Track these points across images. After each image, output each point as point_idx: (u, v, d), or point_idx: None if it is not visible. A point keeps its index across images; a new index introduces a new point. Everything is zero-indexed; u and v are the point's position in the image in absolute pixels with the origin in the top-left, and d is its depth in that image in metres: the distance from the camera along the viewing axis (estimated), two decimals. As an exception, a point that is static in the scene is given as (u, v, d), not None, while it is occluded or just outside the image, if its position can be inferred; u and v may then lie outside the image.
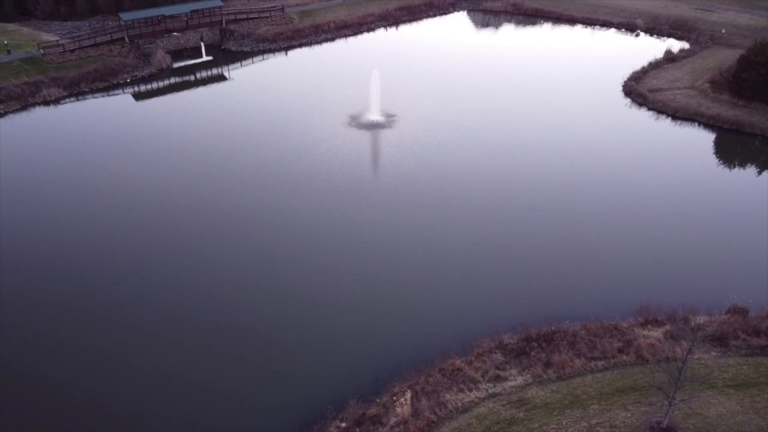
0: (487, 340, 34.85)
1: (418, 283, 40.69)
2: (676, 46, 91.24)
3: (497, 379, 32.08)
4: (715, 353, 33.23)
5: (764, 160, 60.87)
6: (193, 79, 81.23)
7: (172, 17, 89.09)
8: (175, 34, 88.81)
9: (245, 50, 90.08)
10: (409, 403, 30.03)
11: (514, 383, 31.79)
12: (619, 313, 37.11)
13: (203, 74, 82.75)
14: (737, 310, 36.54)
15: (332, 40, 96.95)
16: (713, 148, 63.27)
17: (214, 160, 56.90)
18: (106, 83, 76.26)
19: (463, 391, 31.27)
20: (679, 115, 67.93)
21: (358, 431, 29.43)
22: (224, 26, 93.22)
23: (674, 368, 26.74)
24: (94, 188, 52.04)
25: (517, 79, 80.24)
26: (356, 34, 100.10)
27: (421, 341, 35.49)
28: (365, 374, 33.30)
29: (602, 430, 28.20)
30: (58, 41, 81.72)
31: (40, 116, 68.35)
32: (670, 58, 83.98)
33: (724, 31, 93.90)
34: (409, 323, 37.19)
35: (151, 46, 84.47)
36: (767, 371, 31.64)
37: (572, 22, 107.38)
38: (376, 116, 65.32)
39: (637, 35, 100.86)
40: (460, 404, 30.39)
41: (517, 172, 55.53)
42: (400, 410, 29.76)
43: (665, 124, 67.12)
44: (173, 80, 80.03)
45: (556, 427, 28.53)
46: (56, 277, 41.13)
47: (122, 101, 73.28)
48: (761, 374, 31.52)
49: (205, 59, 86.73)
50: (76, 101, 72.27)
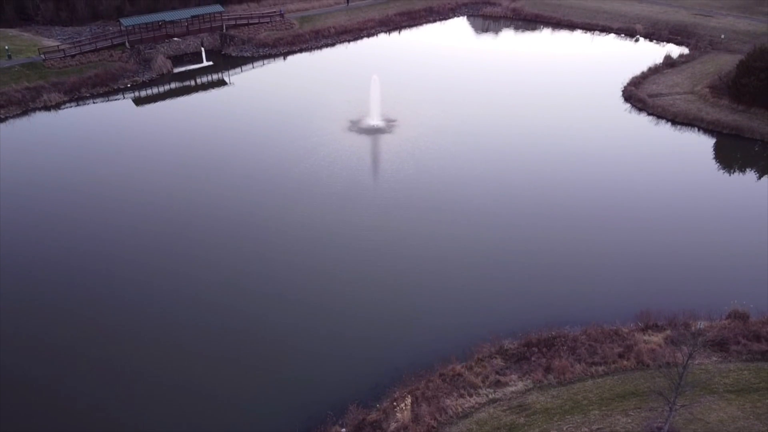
0: (487, 345, 34.82)
1: (418, 287, 40.68)
2: (675, 51, 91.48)
3: (497, 384, 32.04)
4: (715, 358, 33.20)
5: (764, 165, 60.91)
6: (193, 84, 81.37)
7: (172, 22, 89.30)
8: (175, 39, 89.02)
9: (246, 55, 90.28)
10: (409, 408, 29.98)
11: (514, 388, 31.75)
12: (619, 318, 37.11)
13: (204, 79, 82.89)
14: (738, 315, 36.52)
15: (332, 45, 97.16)
16: (713, 153, 63.33)
17: (214, 165, 56.94)
18: (106, 88, 76.34)
19: (463, 396, 31.22)
20: (678, 120, 68.03)
21: (358, 437, 29.40)
22: (225, 32, 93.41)
23: (675, 373, 26.68)
24: (94, 193, 52.02)
25: (516, 84, 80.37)
26: (356, 39, 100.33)
27: (421, 346, 35.45)
28: (365, 379, 33.26)
29: (603, 435, 28.15)
30: (58, 46, 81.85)
31: (40, 121, 68.42)
32: (669, 63, 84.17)
33: (723, 36, 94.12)
34: (409, 328, 37.15)
35: (151, 51, 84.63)
36: (768, 376, 31.65)
37: (572, 27, 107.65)
38: (376, 121, 65.41)
39: (636, 40, 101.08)
40: (460, 409, 30.33)
41: (517, 177, 55.57)
42: (400, 416, 29.71)
43: (665, 129, 67.20)
44: (174, 85, 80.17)
45: (556, 432, 28.49)
46: (57, 281, 41.07)
47: (123, 106, 73.39)
48: (762, 379, 31.47)
49: (205, 64, 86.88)
50: (76, 106, 72.37)
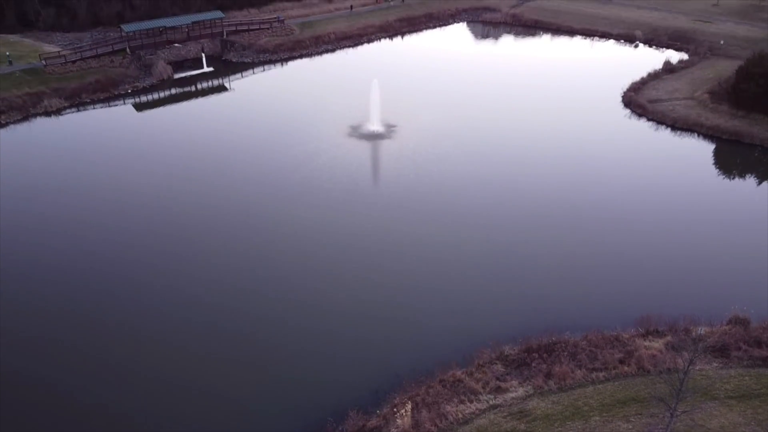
0: (487, 350, 34.76)
1: (418, 293, 40.63)
2: (675, 57, 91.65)
3: (498, 390, 31.95)
4: (716, 364, 33.12)
5: (764, 170, 60.96)
6: (193, 89, 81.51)
7: (173, 28, 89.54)
8: (176, 45, 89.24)
9: (246, 61, 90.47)
10: (409, 414, 29.90)
11: (515, 394, 31.66)
12: (620, 323, 37.05)
13: (204, 85, 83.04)
14: (738, 320, 36.45)
15: (333, 51, 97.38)
16: (713, 158, 63.38)
17: (214, 170, 56.96)
18: (107, 94, 76.48)
19: (463, 402, 31.13)
20: (678, 125, 68.13)
21: (358, 443, 29.31)
22: (225, 37, 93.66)
23: (676, 379, 26.60)
24: (95, 198, 52.03)
25: (517, 89, 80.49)
26: (356, 45, 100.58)
27: (421, 352, 35.37)
28: (365, 385, 33.18)
29: (604, 441, 28.06)
30: (59, 52, 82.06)
31: (41, 127, 68.52)
32: (669, 69, 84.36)
33: (722, 42, 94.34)
34: (409, 334, 37.09)
35: (152, 57, 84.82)
36: (769, 382, 31.56)
37: (571, 33, 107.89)
38: (376, 126, 65.48)
39: (636, 46, 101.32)
40: (460, 416, 30.24)
41: (517, 182, 55.59)
42: (400, 422, 29.61)
43: (665, 134, 67.28)
44: (174, 91, 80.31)
45: (557, 438, 28.40)
46: (58, 285, 41.09)
47: (123, 112, 73.48)
48: (763, 385, 31.38)
49: (206, 70, 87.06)
50: (77, 112, 72.46)
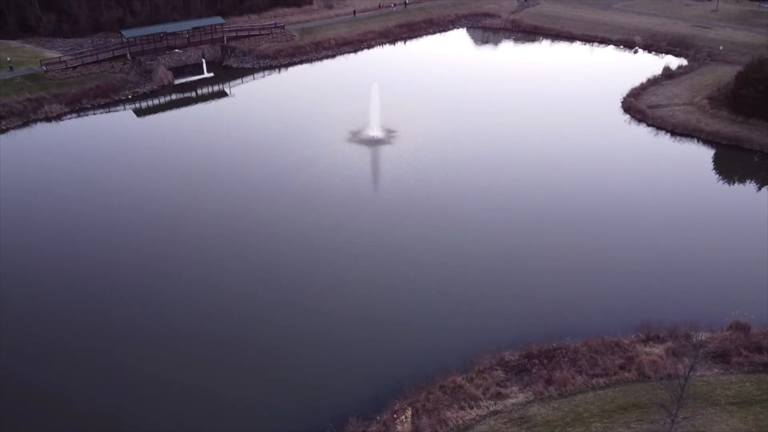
0: (488, 356, 34.70)
1: (418, 298, 40.59)
2: (674, 62, 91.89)
3: (498, 396, 31.89)
4: (717, 370, 33.06)
5: (764, 175, 60.99)
6: (194, 95, 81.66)
7: (174, 34, 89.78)
8: (176, 50, 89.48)
9: (246, 67, 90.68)
10: (409, 420, 29.84)
11: (515, 400, 31.60)
12: (620, 328, 37.00)
13: (204, 90, 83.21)
14: (739, 326, 36.41)
15: (333, 56, 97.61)
16: (713, 163, 63.43)
17: (215, 175, 56.98)
18: (107, 99, 76.63)
19: (464, 408, 31.07)
20: (678, 131, 68.20)
21: (358, 449, 29.23)
22: (226, 43, 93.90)
23: (676, 385, 26.59)
24: (96, 204, 52.02)
25: (516, 95, 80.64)
26: (357, 50, 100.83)
27: (421, 357, 35.32)
28: (366, 391, 33.11)
29: (605, 448, 27.99)
30: (60, 58, 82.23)
31: (41, 132, 68.58)
32: (668, 74, 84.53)
33: (721, 47, 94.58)
34: (409, 339, 37.05)
35: (153, 62, 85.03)
36: (770, 388, 31.49)
37: (571, 39, 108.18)
38: (376, 132, 65.54)
39: (635, 52, 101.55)
40: (461, 422, 30.16)
41: (517, 187, 55.62)
42: (400, 428, 29.55)
43: (665, 140, 67.35)
44: (175, 96, 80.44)
45: (558, 445, 28.32)
46: (59, 290, 41.09)
47: (124, 117, 73.59)
48: (764, 391, 31.32)
49: (206, 76, 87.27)
50: (77, 117, 72.55)
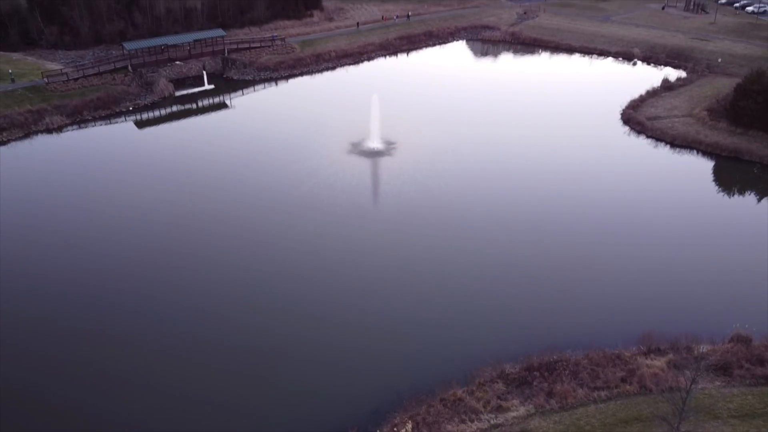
0: (488, 369, 34.55)
1: (418, 310, 40.46)
2: (673, 74, 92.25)
3: (499, 409, 31.70)
4: (719, 383, 32.89)
5: (764, 186, 61.02)
6: (195, 107, 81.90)
7: (175, 46, 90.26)
8: (177, 62, 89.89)
9: (247, 79, 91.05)
10: (409, 434, 29.63)
11: (516, 414, 31.40)
12: (621, 340, 36.87)
13: (205, 102, 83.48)
14: (740, 338, 36.26)
15: (333, 68, 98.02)
16: (713, 175, 63.51)
17: (215, 186, 57.03)
18: (108, 111, 76.85)
19: (464, 422, 30.88)
20: (677, 142, 68.34)
21: (358, 463, 28.99)
22: (226, 55, 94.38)
23: (678, 398, 26.44)
24: (96, 214, 52.03)
25: (516, 106, 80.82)
26: (357, 63, 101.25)
27: (421, 370, 35.19)
28: (365, 403, 32.95)
29: (606, 462, 27.76)
30: (62, 70, 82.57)
31: (42, 144, 68.73)
32: (667, 86, 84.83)
33: (720, 60, 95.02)
34: (409, 351, 36.91)
35: (153, 74, 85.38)
36: (772, 401, 31.29)
37: (570, 51, 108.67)
38: (376, 143, 65.67)
39: (634, 64, 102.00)
40: (461, 435, 29.97)
41: (517, 199, 55.65)
42: (400, 441, 29.34)
43: (664, 151, 67.46)
44: (175, 108, 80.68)
45: (559, 459, 28.09)
46: (60, 300, 41.18)
47: (124, 129, 73.76)
48: (766, 405, 31.12)
49: (207, 87, 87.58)
50: (78, 129, 72.73)
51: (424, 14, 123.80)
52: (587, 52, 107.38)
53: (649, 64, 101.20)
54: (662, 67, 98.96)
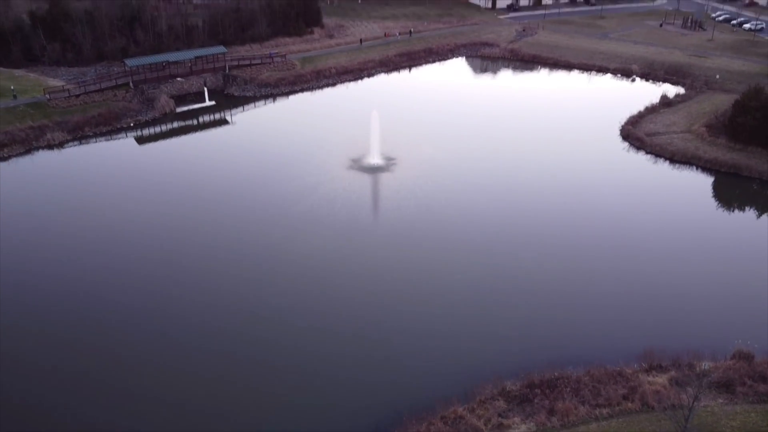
0: (489, 386, 34.34)
1: (418, 326, 40.31)
2: (671, 90, 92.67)
3: (500, 427, 31.45)
4: (721, 400, 32.65)
5: (764, 202, 61.06)
6: (195, 123, 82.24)
7: (176, 63, 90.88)
8: (179, 79, 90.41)
9: (247, 95, 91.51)
10: (410, 452, 29.34)
11: (517, 431, 31.14)
12: (622, 357, 36.69)
13: (206, 118, 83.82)
14: (742, 355, 36.10)
15: (333, 85, 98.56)
16: (713, 191, 63.59)
17: (215, 203, 57.11)
18: (109, 127, 77.15)
19: (465, 439, 30.60)
20: (677, 158, 68.50)
21: (357, 482, 28.69)
22: (227, 72, 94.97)
23: (680, 416, 26.27)
24: (97, 231, 52.04)
25: (516, 122, 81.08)
26: (357, 79, 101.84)
27: (422, 386, 35.01)
28: (365, 421, 32.73)
29: (609, 480, 27.48)
30: (63, 86, 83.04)
31: (43, 159, 68.91)
32: (666, 102, 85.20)
33: (718, 76, 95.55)
34: (409, 368, 36.69)
35: (155, 90, 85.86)
36: (776, 419, 31.04)
37: (569, 67, 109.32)
38: (376, 159, 65.82)
39: (632, 80, 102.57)
40: (462, 453, 29.68)
41: (517, 215, 55.67)
42: (401, 460, 29.06)
43: (664, 167, 67.61)
44: (176, 124, 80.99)
45: (561, 477, 27.81)
46: (61, 312, 41.38)
47: (125, 145, 73.99)
48: (770, 422, 30.90)
49: (207, 104, 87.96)
50: (79, 145, 73.01)
51: (423, 31, 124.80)
52: (586, 68, 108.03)
53: (647, 80, 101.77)
54: (661, 83, 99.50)
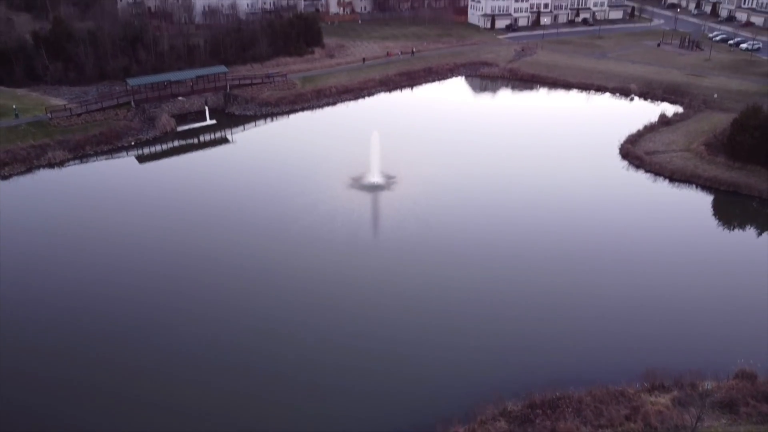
0: (490, 406, 34.04)
1: (418, 345, 40.06)
2: (669, 110, 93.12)
3: (501, 448, 31.10)
4: (725, 420, 32.33)
5: (763, 221, 61.03)
6: (196, 142, 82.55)
7: (178, 82, 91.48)
8: (180, 98, 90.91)
9: (248, 114, 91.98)
10: (410, 473, 28.98)
11: (518, 453, 30.79)
12: (624, 376, 36.43)
13: (207, 137, 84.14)
14: (745, 374, 35.83)
15: (334, 104, 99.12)
16: (712, 209, 63.58)
17: (216, 221, 57.11)
18: (110, 146, 77.47)
19: (466, 460, 30.24)
20: (676, 176, 68.61)
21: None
22: (228, 91, 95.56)
23: (684, 437, 25.95)
24: (98, 248, 52.05)
25: (515, 141, 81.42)
26: (357, 98, 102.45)
27: (422, 406, 34.75)
28: (365, 443, 32.38)
29: (612, 503, 27.09)
30: (65, 105, 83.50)
31: (44, 178, 69.06)
32: (664, 121, 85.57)
33: (716, 95, 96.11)
34: (409, 387, 36.45)
35: (156, 110, 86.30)
36: (780, 440, 30.72)
37: (568, 86, 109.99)
38: (376, 178, 65.95)
39: (631, 99, 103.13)
40: (463, 475, 29.31)
41: (517, 234, 55.59)
42: (401, 482, 28.68)
43: (663, 186, 67.69)
44: (177, 143, 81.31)
45: (563, 499, 27.41)
46: (61, 328, 41.49)
47: (126, 164, 74.20)
48: (774, 443, 30.57)
49: (209, 123, 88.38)
50: (80, 163, 73.24)
51: (423, 51, 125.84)
52: (585, 87, 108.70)
53: (646, 99, 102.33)
54: (659, 102, 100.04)
